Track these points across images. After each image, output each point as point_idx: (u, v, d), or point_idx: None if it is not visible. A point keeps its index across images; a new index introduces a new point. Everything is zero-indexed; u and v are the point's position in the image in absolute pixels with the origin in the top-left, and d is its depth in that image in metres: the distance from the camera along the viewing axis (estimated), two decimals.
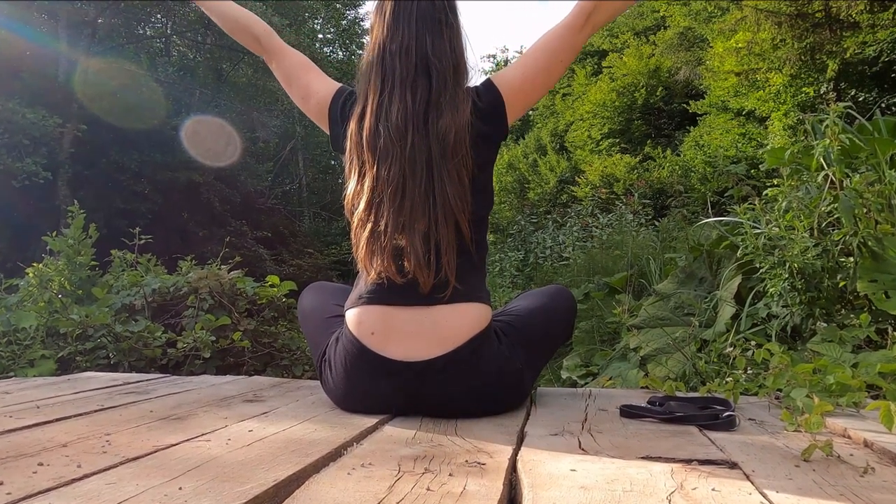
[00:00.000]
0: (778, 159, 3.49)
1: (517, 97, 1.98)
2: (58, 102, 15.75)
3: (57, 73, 16.71)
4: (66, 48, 16.94)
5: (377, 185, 1.84)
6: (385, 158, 1.84)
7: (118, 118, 16.59)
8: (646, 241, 6.86)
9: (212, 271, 4.53)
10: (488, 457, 1.38)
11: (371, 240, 1.83)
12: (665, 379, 2.55)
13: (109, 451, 1.39)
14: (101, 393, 2.29)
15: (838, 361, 2.33)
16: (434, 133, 1.85)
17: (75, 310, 3.88)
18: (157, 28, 23.85)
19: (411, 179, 1.82)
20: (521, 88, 1.98)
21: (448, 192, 1.81)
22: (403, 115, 1.86)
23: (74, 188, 15.84)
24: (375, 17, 2.01)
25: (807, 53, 11.87)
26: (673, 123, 22.76)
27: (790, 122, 13.33)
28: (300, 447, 1.43)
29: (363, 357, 1.85)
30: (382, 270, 1.81)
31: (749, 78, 13.99)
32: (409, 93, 1.88)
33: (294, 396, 2.24)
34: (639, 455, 1.40)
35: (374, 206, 1.84)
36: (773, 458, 1.39)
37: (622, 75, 23.45)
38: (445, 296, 1.82)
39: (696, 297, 3.80)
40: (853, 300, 2.95)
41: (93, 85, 16.44)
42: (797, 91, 13.32)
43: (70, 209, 4.67)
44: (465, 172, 1.85)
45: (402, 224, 1.81)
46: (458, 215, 1.82)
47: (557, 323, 2.20)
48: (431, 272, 1.80)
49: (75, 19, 17.65)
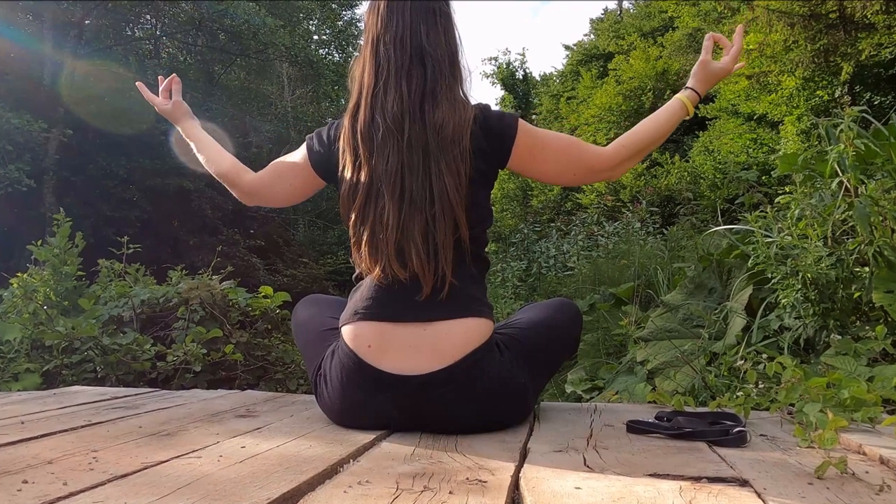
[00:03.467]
0: (790, 165, 3.49)
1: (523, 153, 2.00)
2: (43, 106, 15.79)
3: (42, 76, 16.76)
4: (52, 50, 16.99)
5: (374, 176, 1.86)
6: (382, 150, 1.86)
7: (106, 122, 16.63)
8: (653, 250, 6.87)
9: (203, 281, 4.53)
10: (490, 474, 1.38)
11: (373, 236, 1.84)
12: (673, 393, 2.55)
13: (97, 468, 1.39)
14: (88, 408, 2.29)
15: (853, 375, 2.34)
16: (431, 123, 1.87)
17: (61, 322, 3.88)
18: (147, 29, 23.93)
19: (409, 171, 1.84)
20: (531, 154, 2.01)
21: (446, 183, 1.82)
22: (399, 105, 1.88)
23: (60, 195, 15.88)
24: (369, 15, 2.04)
25: (820, 55, 11.90)
26: (681, 128, 22.77)
27: (803, 127, 13.35)
28: (294, 464, 1.43)
29: (360, 371, 1.85)
30: (387, 268, 1.82)
31: (761, 81, 14.00)
32: (404, 82, 1.90)
33: (288, 411, 2.24)
34: (646, 472, 1.40)
35: (374, 199, 1.86)
36: (785, 475, 1.39)
37: (629, 78, 23.50)
38: (443, 296, 1.82)
39: (706, 308, 3.80)
40: (868, 311, 2.95)
41: (79, 88, 16.49)
42: (810, 94, 13.34)
43: (56, 217, 4.68)
44: (464, 168, 1.86)
45: (403, 218, 1.82)
46: (456, 210, 1.82)
47: (562, 337, 2.20)
48: (431, 269, 1.81)
49: (61, 20, 17.72)
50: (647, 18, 28.35)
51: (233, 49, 22.59)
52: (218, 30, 21.59)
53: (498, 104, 36.42)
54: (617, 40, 28.41)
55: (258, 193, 2.23)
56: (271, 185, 2.20)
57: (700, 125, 20.31)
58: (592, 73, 27.73)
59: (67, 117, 16.37)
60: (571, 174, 2.08)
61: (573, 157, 2.06)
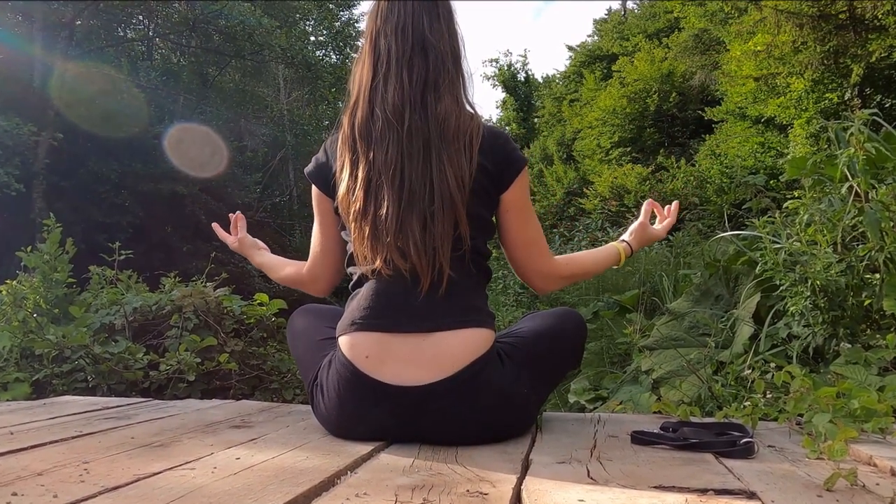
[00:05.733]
0: (799, 169, 3.50)
1: (517, 195, 2.00)
2: (32, 109, 15.80)
3: (32, 78, 16.77)
4: (42, 51, 17.01)
5: (373, 169, 1.85)
6: (381, 142, 1.85)
7: (97, 126, 16.64)
8: (658, 256, 6.87)
9: (197, 289, 4.53)
10: (491, 486, 1.38)
11: (374, 228, 1.83)
12: (679, 403, 2.55)
13: (88, 479, 1.39)
14: (79, 418, 2.29)
15: (863, 384, 2.34)
16: (433, 115, 1.86)
17: (51, 330, 3.88)
18: (139, 30, 24.00)
19: (408, 162, 1.83)
20: (518, 202, 2.01)
21: (447, 176, 1.82)
22: (400, 95, 1.86)
23: (50, 200, 15.87)
24: (369, 17, 2.03)
25: (830, 57, 11.91)
26: (687, 131, 22.82)
27: (812, 130, 13.34)
28: (290, 476, 1.43)
29: (357, 382, 1.84)
30: (388, 258, 1.81)
31: (769, 83, 14.02)
32: (405, 71, 1.89)
33: (284, 422, 2.24)
34: (651, 484, 1.40)
35: (374, 192, 1.84)
36: (793, 487, 1.39)
37: (633, 80, 23.53)
38: (442, 292, 1.82)
39: (712, 316, 3.80)
40: (879, 319, 2.95)
41: (70, 90, 16.50)
42: (820, 97, 13.34)
43: (46, 223, 4.68)
44: (467, 166, 1.85)
45: (403, 208, 1.81)
46: (456, 203, 1.81)
47: (565, 348, 2.19)
48: (428, 261, 1.80)
49: (51, 20, 17.74)
50: (651, 19, 28.41)
51: (227, 50, 22.63)
52: (212, 31, 21.63)
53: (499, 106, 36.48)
54: (621, 41, 28.48)
55: (322, 273, 2.18)
56: (322, 255, 2.16)
57: (707, 128, 20.33)
58: (596, 75, 27.78)
59: (58, 120, 16.38)
60: (523, 254, 2.08)
61: (538, 243, 2.09)
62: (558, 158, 25.93)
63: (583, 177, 23.54)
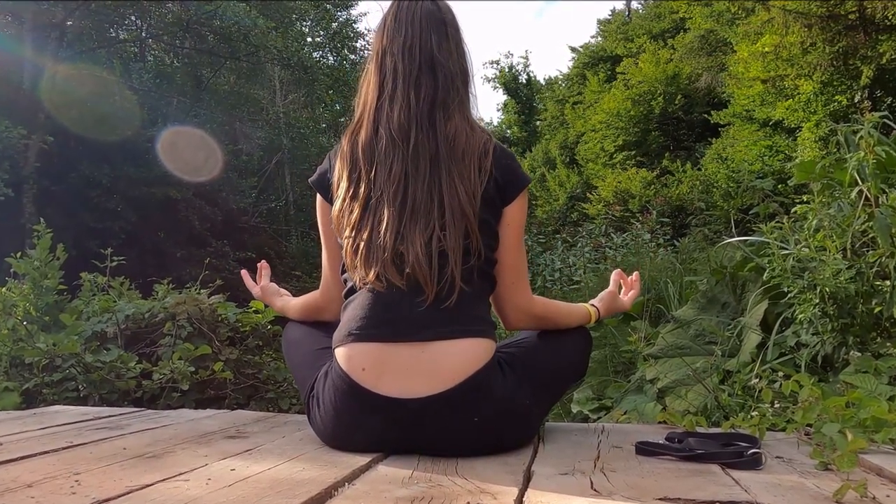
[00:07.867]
0: (808, 174, 3.50)
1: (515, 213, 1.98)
2: (22, 112, 15.82)
3: (21, 80, 16.78)
4: (32, 52, 17.02)
5: (374, 187, 1.84)
6: (385, 160, 1.84)
7: (88, 129, 16.65)
8: (664, 262, 6.87)
9: (190, 296, 4.53)
10: (492, 498, 1.38)
11: (370, 243, 1.82)
12: (685, 413, 2.55)
13: (79, 491, 1.39)
14: (70, 428, 2.29)
15: (873, 394, 2.34)
16: (442, 133, 1.86)
17: (42, 338, 3.88)
18: (132, 31, 24.00)
19: (413, 177, 1.82)
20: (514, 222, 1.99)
21: (458, 190, 1.81)
22: (406, 114, 1.86)
23: (40, 205, 15.88)
24: (376, 34, 2.02)
25: (839, 58, 11.94)
26: (693, 135, 22.85)
27: (821, 133, 13.38)
28: (287, 487, 1.43)
29: (354, 394, 1.83)
30: (381, 274, 1.80)
31: (776, 85, 14.04)
32: (412, 90, 1.88)
33: (280, 432, 2.24)
34: (656, 496, 1.40)
35: (373, 209, 1.84)
36: (802, 499, 1.39)
37: (638, 82, 23.58)
38: (451, 303, 1.80)
39: (719, 324, 3.80)
40: (889, 327, 2.95)
41: (61, 93, 16.50)
42: (829, 99, 13.37)
43: (36, 228, 4.68)
44: (480, 184, 1.84)
45: (404, 224, 1.80)
46: (468, 215, 1.81)
47: (569, 359, 2.19)
48: (434, 274, 1.79)
49: (42, 21, 17.75)
50: (656, 19, 28.46)
51: (222, 51, 22.62)
52: (206, 32, 21.63)
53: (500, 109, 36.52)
54: (625, 42, 28.51)
55: (338, 294, 2.10)
56: (333, 275, 2.14)
57: (713, 131, 20.36)
58: (600, 77, 27.83)
59: (48, 123, 16.39)
60: (508, 280, 2.03)
61: (523, 276, 2.07)
62: (561, 162, 25.98)
63: (586, 181, 23.60)
